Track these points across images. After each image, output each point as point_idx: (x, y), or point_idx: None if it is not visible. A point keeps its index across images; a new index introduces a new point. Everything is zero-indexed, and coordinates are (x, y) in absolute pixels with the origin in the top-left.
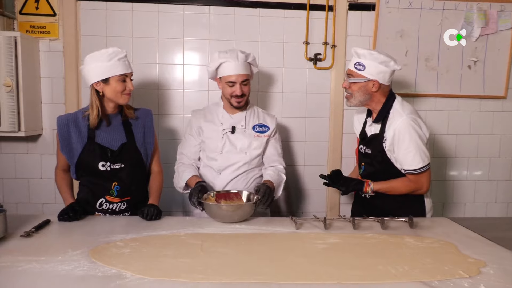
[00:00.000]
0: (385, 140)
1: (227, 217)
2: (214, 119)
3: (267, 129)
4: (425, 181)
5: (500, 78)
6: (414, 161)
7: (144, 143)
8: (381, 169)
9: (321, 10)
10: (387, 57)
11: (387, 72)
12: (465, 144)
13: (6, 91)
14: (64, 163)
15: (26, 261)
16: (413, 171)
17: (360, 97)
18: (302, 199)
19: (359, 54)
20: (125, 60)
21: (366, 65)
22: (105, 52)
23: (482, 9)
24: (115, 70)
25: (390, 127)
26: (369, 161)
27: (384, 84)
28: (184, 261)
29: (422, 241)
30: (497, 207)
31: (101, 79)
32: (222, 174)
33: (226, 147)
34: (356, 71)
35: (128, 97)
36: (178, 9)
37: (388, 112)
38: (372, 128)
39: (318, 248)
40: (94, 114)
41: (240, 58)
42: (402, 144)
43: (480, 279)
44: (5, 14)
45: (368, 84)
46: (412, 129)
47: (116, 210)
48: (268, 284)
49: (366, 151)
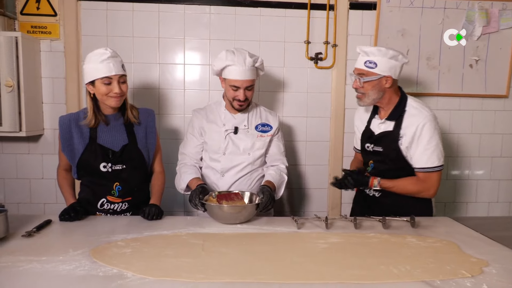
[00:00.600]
0: (401, 137)
1: (229, 218)
2: (216, 119)
3: (270, 128)
4: (435, 181)
5: (502, 77)
6: (430, 159)
7: (146, 143)
8: (394, 167)
9: (322, 9)
10: (395, 51)
11: (398, 66)
12: (467, 143)
13: (7, 91)
14: (66, 163)
15: (27, 261)
16: (426, 169)
17: (373, 95)
18: (303, 199)
19: (368, 52)
20: (109, 62)
21: (377, 62)
22: (94, 54)
23: (483, 8)
24: (98, 73)
25: (410, 123)
26: (379, 159)
27: (396, 79)
28: (185, 261)
29: (424, 241)
30: (499, 206)
31: (89, 81)
32: (226, 175)
33: (229, 148)
34: (368, 70)
35: (116, 100)
36: (179, 8)
37: (403, 109)
38: (383, 125)
39: (320, 248)
40: (90, 114)
41: (248, 63)
42: (422, 141)
43: (482, 279)
44: (6, 14)
45: (381, 81)
46: (434, 127)
47: (118, 210)
48: (269, 284)
49: (376, 149)
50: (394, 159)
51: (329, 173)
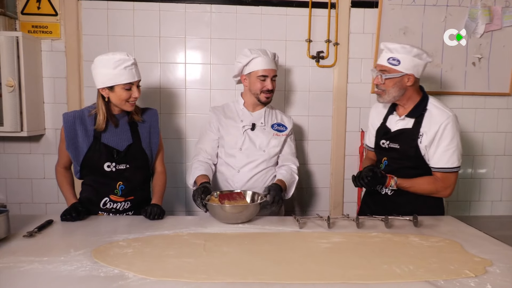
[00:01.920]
0: (421, 135)
1: (230, 218)
2: (234, 116)
3: (285, 128)
4: (453, 182)
5: (505, 75)
6: (451, 159)
7: (149, 143)
8: (410, 165)
9: (324, 7)
10: (419, 50)
11: (421, 65)
12: (470, 141)
13: (8, 91)
14: (66, 160)
15: (29, 262)
16: (446, 169)
17: (394, 92)
18: (305, 198)
19: (391, 49)
20: (131, 68)
21: (400, 59)
22: (112, 58)
23: (486, 5)
24: (120, 78)
25: (432, 122)
26: (395, 156)
27: (418, 78)
28: (187, 261)
29: (427, 240)
30: (503, 205)
31: (106, 86)
32: (241, 171)
33: (245, 144)
34: (390, 66)
35: (133, 105)
36: (180, 7)
37: (425, 107)
38: (401, 122)
39: (322, 247)
40: (101, 118)
41: (270, 55)
42: (444, 140)
43: (486, 278)
44: (7, 14)
45: (403, 78)
46: (456, 128)
47: (120, 209)
48: (271, 284)
49: (392, 145)
50: (412, 156)
51: (331, 172)
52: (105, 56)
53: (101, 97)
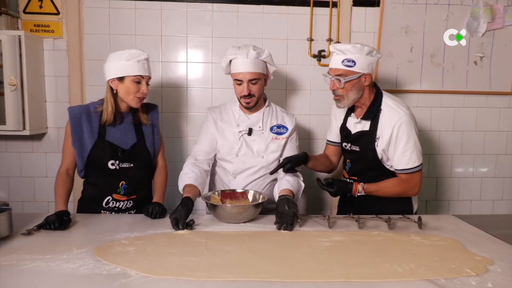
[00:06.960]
0: (378, 139)
1: (232, 218)
2: (231, 119)
3: (286, 130)
4: (418, 180)
5: (506, 74)
6: (411, 160)
7: (153, 141)
8: (371, 166)
9: (325, 6)
10: (369, 47)
11: (374, 62)
12: (471, 140)
13: (10, 90)
14: (70, 161)
15: (31, 260)
16: (408, 170)
17: (354, 95)
18: (306, 197)
19: (343, 50)
20: (144, 62)
21: (355, 59)
22: (127, 52)
23: (488, 4)
24: (131, 70)
25: (386, 124)
26: (356, 158)
27: (372, 75)
28: (188, 259)
29: (428, 239)
30: (504, 204)
31: (117, 77)
32: (238, 177)
33: (242, 150)
34: (347, 69)
35: (140, 101)
36: (181, 6)
37: (378, 108)
38: (359, 125)
39: (323, 246)
40: (109, 110)
41: (251, 55)
42: (400, 142)
43: (487, 277)
44: (9, 13)
45: (361, 79)
46: (411, 127)
47: (122, 208)
48: (273, 282)
49: (353, 148)
50: (371, 159)
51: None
52: (120, 51)
53: (110, 90)
